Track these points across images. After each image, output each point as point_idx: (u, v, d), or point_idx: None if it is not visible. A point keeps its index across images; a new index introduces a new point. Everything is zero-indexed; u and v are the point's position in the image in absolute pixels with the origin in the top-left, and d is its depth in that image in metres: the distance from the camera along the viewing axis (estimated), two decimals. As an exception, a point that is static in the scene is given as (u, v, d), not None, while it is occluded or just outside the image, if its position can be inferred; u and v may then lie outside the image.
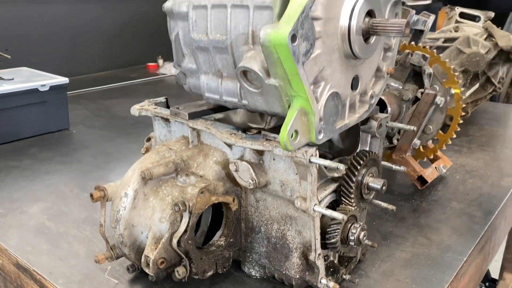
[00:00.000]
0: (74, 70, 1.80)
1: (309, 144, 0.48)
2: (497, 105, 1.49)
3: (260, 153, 0.53)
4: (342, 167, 0.47)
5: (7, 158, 1.02)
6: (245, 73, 0.46)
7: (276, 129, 0.52)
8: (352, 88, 0.52)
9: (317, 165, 0.48)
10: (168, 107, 0.67)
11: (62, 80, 1.18)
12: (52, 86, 1.15)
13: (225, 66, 0.51)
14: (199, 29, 0.50)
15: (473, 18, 1.32)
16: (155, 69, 2.03)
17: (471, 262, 0.69)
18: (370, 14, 0.48)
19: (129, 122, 1.28)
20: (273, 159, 0.52)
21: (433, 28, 1.19)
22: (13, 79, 1.18)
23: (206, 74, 0.54)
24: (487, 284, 1.65)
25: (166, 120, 0.63)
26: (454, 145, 1.08)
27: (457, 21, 1.28)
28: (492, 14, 1.30)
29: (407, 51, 0.81)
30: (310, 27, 0.42)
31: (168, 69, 1.96)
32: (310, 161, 0.47)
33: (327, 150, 0.63)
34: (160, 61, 2.05)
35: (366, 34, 0.48)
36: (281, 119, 0.53)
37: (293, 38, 0.40)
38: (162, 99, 0.69)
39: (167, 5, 0.53)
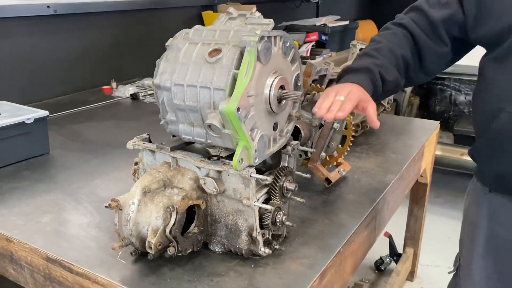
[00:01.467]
0: (34, 96, 2.02)
1: (250, 165, 0.80)
2: (393, 118, 1.91)
3: (219, 171, 0.84)
4: (269, 179, 0.80)
5: (6, 181, 1.25)
6: (210, 125, 0.78)
7: (229, 157, 0.84)
8: (274, 130, 0.85)
9: (255, 178, 0.80)
10: (150, 141, 0.97)
11: (44, 113, 1.42)
12: (36, 119, 1.39)
13: (196, 120, 0.82)
14: (178, 98, 0.81)
15: (370, 52, 1.71)
16: (110, 91, 2.26)
17: (358, 234, 1.04)
18: (282, 87, 0.82)
19: (101, 144, 1.54)
20: (228, 175, 0.84)
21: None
22: (0, 114, 1.40)
23: (183, 123, 0.84)
24: (394, 258, 2.07)
25: (152, 151, 0.93)
26: (356, 152, 1.46)
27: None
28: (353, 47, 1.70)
29: (313, 92, 1.16)
30: (246, 102, 0.74)
31: (122, 92, 2.20)
32: (250, 176, 0.79)
33: (262, 165, 0.96)
34: (114, 84, 2.29)
35: (280, 100, 0.81)
36: (230, 149, 0.85)
37: (238, 109, 0.72)
38: (145, 135, 0.98)
39: (156, 82, 0.83)
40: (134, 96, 2.14)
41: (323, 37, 2.96)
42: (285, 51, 0.83)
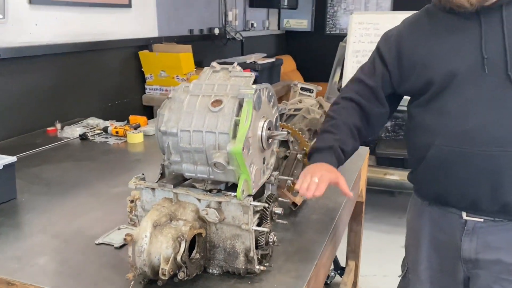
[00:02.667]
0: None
1: (249, 195, 0.95)
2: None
3: (219, 202, 0.99)
4: (264, 205, 0.96)
5: (-18, 229, 1.26)
6: (215, 164, 0.93)
7: (230, 189, 0.99)
8: (263, 163, 1.02)
9: (253, 205, 0.96)
10: (144, 179, 1.08)
11: (12, 159, 1.45)
12: (5, 165, 1.42)
13: (200, 159, 0.96)
14: (185, 141, 0.95)
15: (309, 90, 1.96)
16: (55, 133, 2.27)
17: (327, 248, 1.23)
18: (269, 128, 0.99)
19: (67, 186, 1.58)
20: (227, 205, 0.98)
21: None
22: (-35, 162, 1.40)
23: (186, 163, 0.98)
24: (338, 271, 2.30)
25: (153, 189, 1.04)
26: (308, 178, 1.66)
27: (300, 94, 1.90)
28: (320, 88, 1.97)
29: (278, 128, 1.35)
30: (248, 142, 0.91)
31: (70, 133, 2.21)
32: (250, 204, 0.95)
33: (247, 195, 1.11)
34: (58, 125, 2.30)
35: (268, 138, 0.99)
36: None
37: (243, 149, 0.88)
38: (141, 175, 1.09)
39: (162, 129, 0.96)
40: (83, 137, 2.17)
41: (255, 74, 3.20)
42: (269, 99, 1.02)
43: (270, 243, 1.02)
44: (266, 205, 0.97)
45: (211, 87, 0.97)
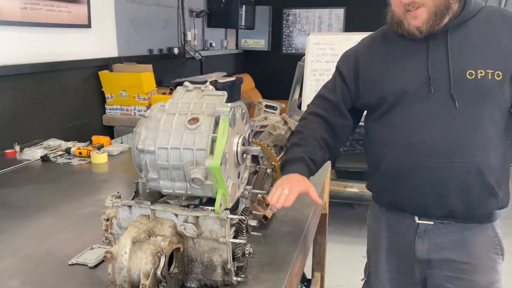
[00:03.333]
0: None
1: (226, 208, 0.99)
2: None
3: (196, 217, 1.02)
4: (241, 218, 1.00)
5: None
6: (193, 179, 0.96)
7: (205, 204, 1.02)
8: (238, 178, 1.06)
9: (230, 218, 1.00)
10: (119, 197, 1.10)
11: (-25, 182, 1.41)
12: (-32, 189, 1.38)
13: (177, 176, 0.99)
14: (162, 159, 0.98)
15: (273, 108, 2.03)
16: (14, 155, 2.21)
17: (298, 258, 1.28)
18: (244, 144, 1.04)
19: (33, 209, 1.55)
20: (205, 219, 1.01)
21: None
22: None
23: (164, 180, 1.01)
24: (305, 284, 2.35)
25: (129, 206, 1.06)
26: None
27: (264, 111, 1.97)
28: (283, 105, 2.04)
29: (248, 145, 1.40)
30: (225, 158, 0.95)
31: (30, 155, 2.17)
32: (227, 217, 0.98)
33: (221, 209, 1.15)
34: (17, 147, 2.24)
35: (243, 153, 1.04)
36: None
37: (221, 164, 0.93)
38: (117, 193, 1.10)
39: (139, 147, 0.98)
40: (45, 158, 2.13)
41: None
42: (242, 116, 1.07)
43: (247, 255, 1.06)
44: (243, 217, 1.01)
45: (187, 106, 1.02)
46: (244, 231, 1.06)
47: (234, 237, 1.06)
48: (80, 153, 2.17)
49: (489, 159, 1.24)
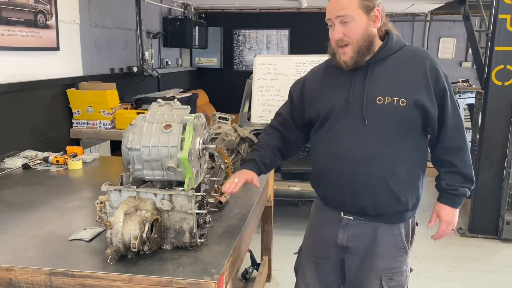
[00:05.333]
0: None
1: (192, 188, 1.40)
2: (243, 163, 2.66)
3: (170, 195, 1.41)
4: (203, 194, 1.41)
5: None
6: (168, 167, 1.36)
7: (178, 186, 1.43)
8: (200, 167, 1.47)
9: (195, 195, 1.40)
10: (111, 185, 1.47)
11: (-18, 182, 1.73)
12: (-22, 187, 1.70)
13: (156, 166, 1.39)
14: (145, 154, 1.37)
15: (225, 119, 2.46)
16: (-5, 164, 2.49)
17: (246, 229, 1.69)
18: (203, 143, 1.46)
19: (25, 204, 1.87)
20: (176, 197, 1.41)
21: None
22: None
23: (147, 169, 1.40)
24: (255, 267, 2.77)
25: (119, 190, 1.44)
26: (228, 186, 2.13)
27: (218, 122, 2.39)
28: (234, 116, 2.47)
29: (205, 146, 1.81)
30: (191, 152, 1.36)
31: (11, 164, 2.45)
32: (193, 194, 1.39)
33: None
34: (-2, 158, 2.52)
35: (203, 150, 1.45)
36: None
37: (188, 156, 1.34)
38: (108, 183, 1.48)
39: (128, 146, 1.37)
40: (26, 166, 2.43)
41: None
42: (202, 124, 1.49)
43: (207, 223, 1.47)
44: (204, 194, 1.42)
45: (162, 116, 1.42)
46: (205, 205, 1.47)
47: (198, 209, 1.47)
48: (57, 161, 2.49)
49: (396, 170, 1.51)
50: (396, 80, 1.51)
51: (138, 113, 3.26)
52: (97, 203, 1.49)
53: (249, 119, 3.65)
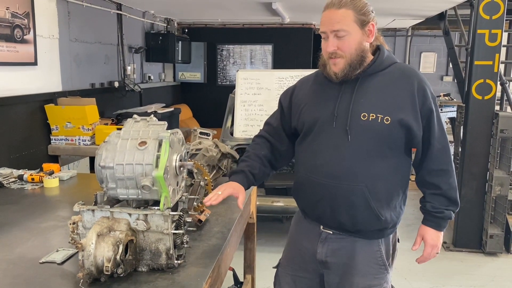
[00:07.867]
0: None
1: (169, 207, 1.35)
2: (225, 179, 2.62)
3: (145, 215, 1.36)
4: (180, 214, 1.36)
5: None
6: (143, 186, 1.31)
7: (154, 205, 1.37)
8: (177, 185, 1.42)
9: (172, 215, 1.35)
10: (84, 204, 1.41)
11: (-51, 202, 1.65)
12: None
13: (131, 185, 1.33)
14: (119, 172, 1.32)
15: (206, 134, 2.42)
16: (-32, 182, 2.39)
17: (225, 248, 1.64)
18: (180, 160, 1.41)
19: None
20: (152, 216, 1.36)
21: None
22: None
23: (120, 188, 1.35)
24: (238, 285, 2.70)
25: (92, 210, 1.38)
26: (209, 203, 2.08)
27: (199, 137, 2.35)
28: (215, 132, 2.43)
29: (184, 163, 1.77)
30: (166, 170, 1.31)
31: (-15, 182, 2.37)
32: (169, 214, 1.34)
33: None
34: (-28, 175, 2.43)
35: (180, 167, 1.40)
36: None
37: (163, 174, 1.29)
38: (81, 202, 1.42)
39: (101, 164, 1.32)
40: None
41: (156, 122, 3.59)
42: (179, 140, 1.44)
43: (184, 243, 1.41)
44: (181, 213, 1.37)
45: (137, 133, 1.37)
46: (182, 225, 1.42)
47: (175, 229, 1.42)
48: (32, 179, 2.41)
49: (376, 187, 1.48)
50: (382, 97, 1.49)
51: (118, 129, 3.21)
52: (70, 224, 1.43)
53: (231, 134, 3.61)
